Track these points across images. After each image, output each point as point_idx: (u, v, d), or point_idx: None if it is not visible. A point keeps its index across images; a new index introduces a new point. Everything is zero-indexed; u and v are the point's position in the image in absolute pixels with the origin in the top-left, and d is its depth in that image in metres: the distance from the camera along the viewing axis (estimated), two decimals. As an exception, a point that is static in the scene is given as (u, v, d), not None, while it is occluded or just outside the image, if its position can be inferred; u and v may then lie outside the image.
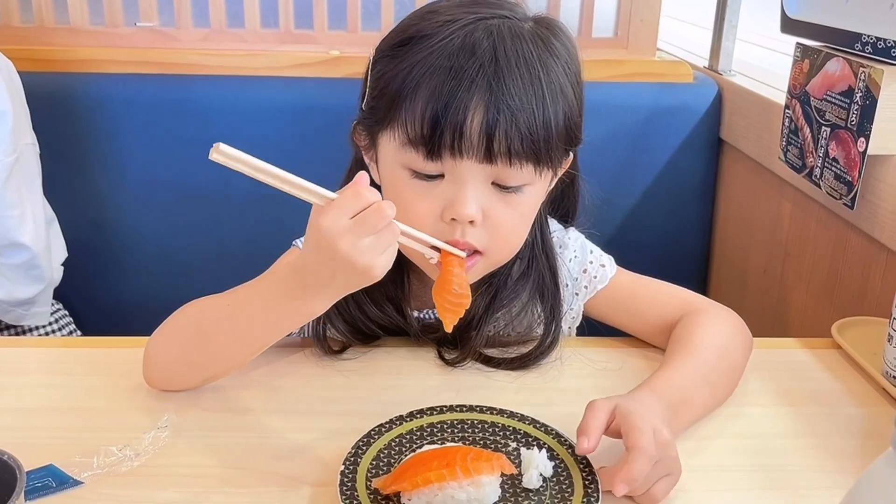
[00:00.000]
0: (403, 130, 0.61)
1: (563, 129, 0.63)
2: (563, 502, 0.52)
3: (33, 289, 1.01)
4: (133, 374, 0.69)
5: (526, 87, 0.59)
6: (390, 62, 0.63)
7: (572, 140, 0.66)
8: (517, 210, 0.64)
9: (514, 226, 0.65)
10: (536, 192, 0.65)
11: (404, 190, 0.64)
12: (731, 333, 0.70)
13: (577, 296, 0.77)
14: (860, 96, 0.81)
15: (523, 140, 0.60)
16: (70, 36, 1.20)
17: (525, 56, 0.60)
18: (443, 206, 0.62)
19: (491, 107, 0.58)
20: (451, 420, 0.60)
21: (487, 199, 0.62)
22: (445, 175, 0.62)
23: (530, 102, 0.60)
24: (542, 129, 0.60)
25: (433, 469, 0.50)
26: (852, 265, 0.91)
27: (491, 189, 0.63)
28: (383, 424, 0.59)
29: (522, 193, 0.63)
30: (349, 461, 0.55)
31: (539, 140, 0.60)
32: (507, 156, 0.60)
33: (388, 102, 0.63)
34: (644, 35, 1.25)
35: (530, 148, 0.60)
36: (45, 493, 0.53)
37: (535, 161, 0.61)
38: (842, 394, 0.69)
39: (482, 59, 0.59)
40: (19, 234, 0.97)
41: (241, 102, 1.17)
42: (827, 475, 0.58)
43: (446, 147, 0.59)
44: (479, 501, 0.51)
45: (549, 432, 0.59)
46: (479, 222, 0.62)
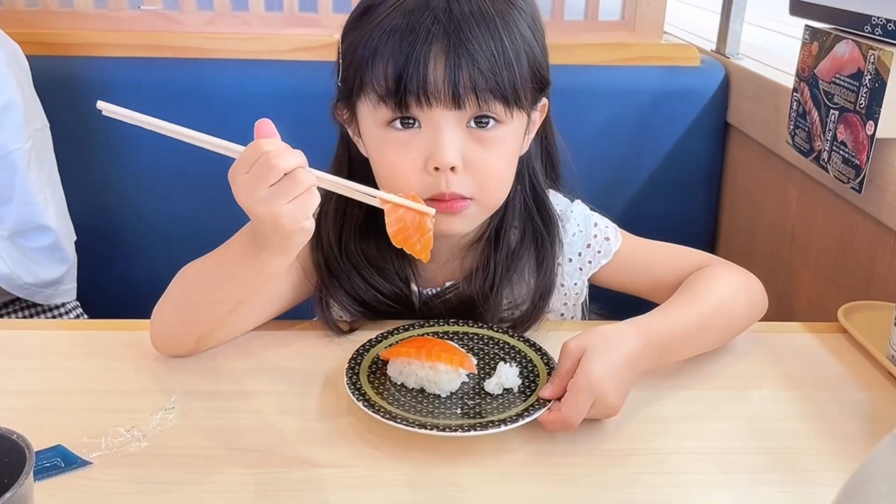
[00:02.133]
0: (373, 91, 0.64)
1: (528, 68, 0.65)
2: (503, 409, 0.60)
3: (59, 269, 1.02)
4: (140, 356, 0.70)
5: (483, 31, 0.62)
6: (353, 33, 0.66)
7: (539, 80, 0.67)
8: (496, 151, 0.66)
9: (496, 167, 0.67)
10: (512, 132, 0.67)
11: (386, 148, 0.66)
12: (738, 288, 0.71)
13: (581, 271, 0.77)
14: (869, 79, 0.81)
15: (487, 80, 0.62)
16: (74, 19, 1.20)
17: (478, 4, 0.63)
18: (424, 157, 0.65)
19: (451, 53, 0.61)
20: (461, 332, 0.70)
21: (465, 144, 0.65)
22: (422, 125, 0.64)
23: (489, 45, 0.62)
24: (504, 67, 0.62)
25: (409, 349, 0.63)
26: (859, 249, 0.91)
27: (467, 133, 0.65)
28: (410, 325, 0.70)
29: (498, 132, 0.65)
30: (369, 342, 0.67)
31: (504, 79, 0.62)
32: (475, 97, 0.62)
33: (355, 71, 0.65)
34: (651, 18, 1.24)
35: (496, 87, 0.62)
36: (54, 473, 0.54)
37: (503, 100, 0.63)
38: (848, 378, 0.69)
39: (436, 11, 0.61)
40: (45, 217, 0.98)
41: (245, 86, 1.16)
42: (833, 458, 0.58)
43: (412, 94, 0.62)
44: (436, 383, 0.62)
45: (542, 355, 0.66)
46: (461, 168, 0.64)
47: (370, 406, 0.58)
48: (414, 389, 0.62)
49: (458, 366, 0.63)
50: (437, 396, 0.62)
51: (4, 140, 0.94)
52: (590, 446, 0.59)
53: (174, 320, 0.68)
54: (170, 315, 0.68)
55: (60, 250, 1.02)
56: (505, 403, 0.61)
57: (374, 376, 0.64)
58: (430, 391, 0.62)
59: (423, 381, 0.62)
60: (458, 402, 0.61)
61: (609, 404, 0.59)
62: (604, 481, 0.55)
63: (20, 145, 0.95)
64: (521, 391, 0.62)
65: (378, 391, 0.61)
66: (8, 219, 0.96)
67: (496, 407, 0.60)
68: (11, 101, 0.94)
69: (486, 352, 0.68)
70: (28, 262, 0.98)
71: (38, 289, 1.01)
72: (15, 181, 0.95)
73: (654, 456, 0.58)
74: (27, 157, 0.96)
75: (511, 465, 0.57)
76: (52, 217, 1.00)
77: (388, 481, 0.55)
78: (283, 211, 0.53)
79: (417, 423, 0.57)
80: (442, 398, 0.62)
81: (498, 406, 0.61)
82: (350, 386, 0.61)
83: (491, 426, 0.57)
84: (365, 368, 0.64)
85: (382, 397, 0.61)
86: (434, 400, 0.62)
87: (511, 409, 0.60)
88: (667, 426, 0.62)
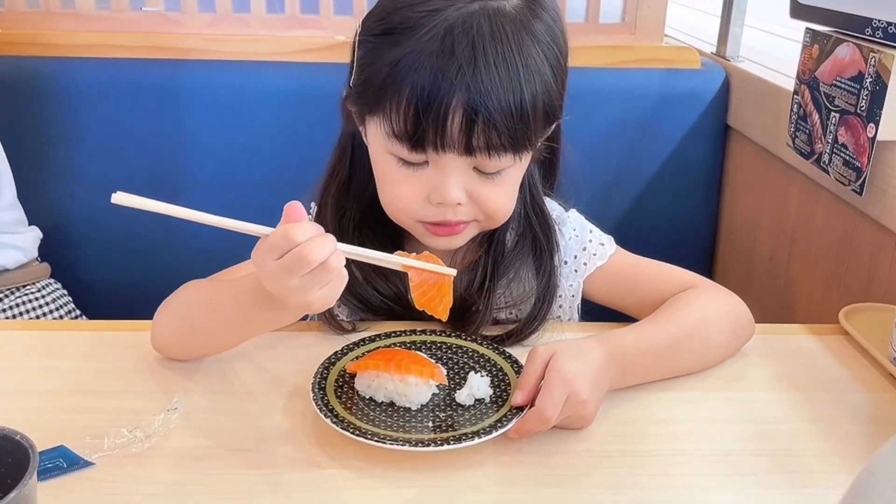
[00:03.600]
0: (388, 124, 0.64)
1: (542, 112, 0.65)
2: (475, 421, 0.59)
3: None
4: (142, 356, 0.70)
5: (503, 82, 0.62)
6: (375, 50, 0.65)
7: (550, 119, 0.68)
8: (500, 187, 0.68)
9: (500, 200, 0.69)
10: (519, 169, 0.69)
11: (392, 173, 0.67)
12: (719, 311, 0.71)
13: (577, 272, 0.78)
14: (870, 82, 0.81)
15: (500, 135, 0.63)
16: (75, 21, 1.20)
17: (503, 51, 0.62)
18: (428, 190, 0.67)
19: (469, 106, 0.61)
20: (429, 342, 0.70)
21: (470, 182, 0.67)
22: (430, 164, 0.66)
23: (507, 98, 0.62)
24: (518, 121, 0.63)
25: (377, 361, 0.62)
26: (860, 252, 0.91)
27: (473, 174, 0.67)
28: (377, 335, 0.69)
29: (506, 174, 0.67)
30: (334, 355, 0.66)
31: (516, 132, 0.63)
32: (486, 149, 0.64)
33: (374, 93, 0.65)
34: (651, 21, 1.24)
35: (508, 140, 0.64)
36: (57, 474, 0.54)
37: (513, 150, 0.65)
38: (849, 379, 0.69)
39: (461, 60, 0.61)
40: None
41: (247, 88, 1.16)
42: (834, 460, 0.58)
43: (429, 143, 0.63)
44: (406, 396, 0.61)
45: (513, 363, 0.66)
46: (465, 203, 0.67)
47: (339, 422, 0.57)
48: (383, 403, 0.61)
49: (428, 377, 0.61)
50: (408, 409, 0.61)
51: None
52: (585, 447, 0.59)
53: (175, 339, 0.68)
54: (171, 334, 0.68)
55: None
56: (477, 414, 0.60)
57: (342, 390, 0.62)
58: (400, 404, 0.61)
59: (393, 394, 0.61)
60: (429, 415, 0.60)
61: (581, 403, 0.58)
62: (601, 483, 0.55)
63: None
64: (493, 401, 0.61)
65: (346, 406, 0.60)
66: None
67: (468, 419, 0.59)
68: None
69: (456, 361, 0.67)
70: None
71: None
72: None
73: (654, 458, 0.58)
74: None
75: (494, 472, 0.56)
76: None
77: (394, 483, 0.55)
78: (314, 297, 0.53)
79: (389, 439, 0.55)
80: (412, 411, 0.60)
81: (470, 417, 0.60)
82: (317, 402, 0.59)
83: (465, 439, 0.56)
84: (332, 383, 0.62)
85: (351, 412, 0.59)
86: (405, 413, 0.60)
87: (484, 421, 0.59)
88: (666, 427, 0.62)
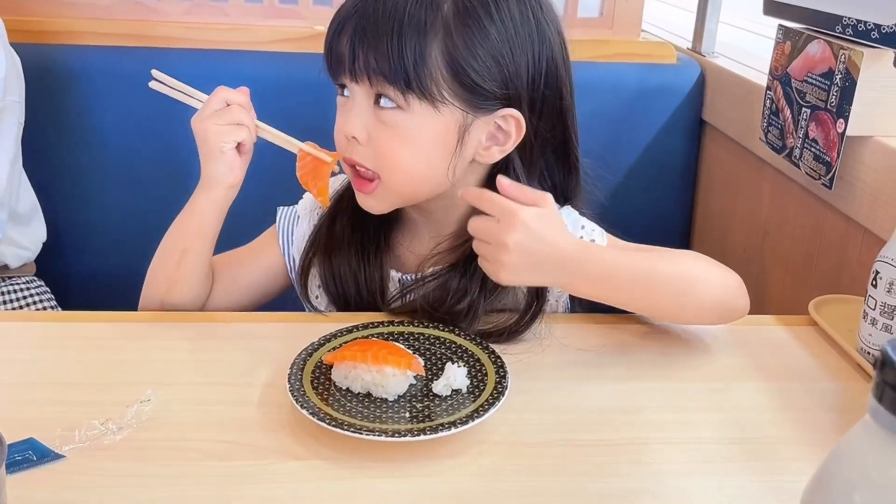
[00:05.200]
0: None
1: (445, 66, 0.66)
2: (452, 411, 0.59)
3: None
4: (115, 348, 0.69)
5: (388, 10, 0.66)
6: None
7: (459, 78, 0.67)
8: (397, 134, 0.69)
9: (395, 149, 0.69)
10: (416, 122, 0.68)
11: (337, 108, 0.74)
12: (712, 271, 0.71)
13: None
14: (840, 78, 0.82)
15: (379, 59, 0.66)
16: (48, 6, 1.17)
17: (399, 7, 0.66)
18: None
19: (357, 31, 0.67)
20: (406, 332, 0.70)
21: (371, 120, 0.69)
22: (350, 96, 0.71)
23: (388, 22, 0.65)
24: (394, 46, 0.65)
25: (354, 352, 0.62)
26: (829, 244, 0.93)
27: (374, 111, 0.69)
28: (354, 327, 0.69)
29: (397, 117, 0.68)
30: (311, 346, 0.66)
31: (393, 59, 0.65)
32: (367, 73, 0.67)
33: None
34: (629, 15, 1.25)
35: (388, 67, 0.66)
36: (26, 467, 0.53)
37: (393, 79, 0.66)
38: (818, 369, 0.71)
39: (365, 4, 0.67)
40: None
41: (224, 77, 1.12)
42: (804, 447, 0.60)
43: (332, 68, 0.70)
44: (383, 387, 0.61)
45: (490, 353, 0.66)
46: (363, 141, 0.70)
47: (315, 413, 0.57)
48: (360, 394, 0.61)
49: (405, 368, 0.61)
50: (385, 400, 0.61)
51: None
52: (561, 436, 0.59)
53: (149, 276, 0.78)
54: (160, 277, 0.77)
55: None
56: (454, 405, 0.60)
57: (319, 381, 0.62)
58: (377, 395, 0.61)
59: (370, 385, 0.61)
60: (406, 406, 0.60)
61: (503, 245, 0.61)
62: (576, 472, 0.56)
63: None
64: (469, 392, 0.62)
65: (323, 397, 0.60)
66: None
67: (445, 409, 0.60)
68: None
69: (434, 352, 0.67)
70: None
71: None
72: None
73: (628, 446, 0.59)
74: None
75: (471, 462, 0.56)
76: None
77: (371, 473, 0.55)
78: (211, 128, 0.71)
79: (366, 430, 0.55)
80: (389, 402, 0.60)
81: (447, 408, 0.60)
82: (294, 393, 0.59)
83: (442, 429, 0.56)
84: (308, 374, 0.62)
85: (328, 403, 0.59)
86: (382, 404, 0.60)
87: (461, 411, 0.59)
88: (640, 416, 0.62)
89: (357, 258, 0.76)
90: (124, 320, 0.74)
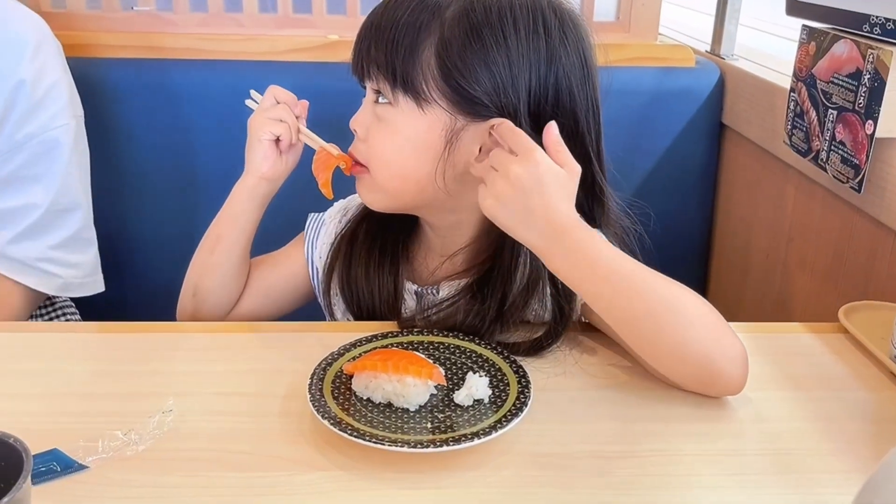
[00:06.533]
0: None
1: (436, 66, 0.67)
2: (474, 421, 0.58)
3: (92, 252, 1.02)
4: (136, 359, 0.69)
5: (395, 15, 0.68)
6: None
7: (448, 80, 0.67)
8: (385, 129, 0.70)
9: (381, 144, 0.71)
10: (402, 118, 0.69)
11: None
12: (707, 313, 0.62)
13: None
14: (868, 78, 0.81)
15: (378, 51, 0.69)
16: (66, 20, 1.19)
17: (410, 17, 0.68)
18: None
19: (370, 31, 0.70)
20: (426, 342, 0.69)
21: (370, 116, 0.72)
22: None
23: (392, 25, 0.68)
24: (390, 44, 0.68)
25: (374, 361, 0.62)
26: (858, 249, 0.91)
27: (373, 107, 0.71)
28: (373, 336, 0.69)
29: (387, 111, 0.70)
30: (330, 356, 0.66)
31: (388, 54, 0.67)
32: (366, 65, 0.70)
33: None
34: (646, 19, 1.24)
35: (383, 58, 0.68)
36: (51, 478, 0.53)
37: (391, 76, 0.68)
38: (849, 378, 0.69)
39: (377, 18, 0.70)
40: (79, 192, 0.98)
41: (239, 87, 1.14)
42: (836, 459, 0.58)
43: (352, 67, 0.73)
44: (404, 397, 0.60)
45: (511, 363, 0.66)
46: (362, 136, 0.72)
47: (336, 424, 0.56)
48: (381, 404, 0.60)
49: (426, 378, 0.61)
50: (406, 410, 0.60)
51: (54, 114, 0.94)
52: (586, 447, 0.58)
53: (191, 263, 0.81)
54: (197, 275, 0.80)
55: (89, 228, 1.01)
56: (476, 415, 0.59)
57: (339, 391, 0.61)
58: (398, 405, 0.60)
59: (391, 395, 0.60)
60: (427, 416, 0.60)
61: (507, 171, 0.61)
62: (601, 484, 0.55)
63: (68, 121, 0.96)
64: (492, 402, 0.61)
65: (343, 407, 0.59)
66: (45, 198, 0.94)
67: (467, 419, 0.59)
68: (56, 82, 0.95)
69: (454, 361, 0.66)
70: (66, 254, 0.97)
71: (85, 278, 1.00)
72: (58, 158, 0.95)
73: (655, 457, 0.58)
74: (73, 132, 0.97)
75: (493, 474, 0.55)
76: (82, 193, 0.99)
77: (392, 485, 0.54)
78: (256, 119, 0.76)
79: (387, 440, 0.55)
80: (411, 412, 0.60)
81: (469, 418, 0.59)
82: (314, 403, 0.59)
83: (464, 440, 0.55)
84: (328, 384, 0.62)
85: (348, 413, 0.59)
86: (403, 414, 0.60)
87: (483, 421, 0.58)
88: (667, 427, 0.61)
89: (373, 265, 0.76)
90: (145, 331, 0.74)
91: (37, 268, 0.95)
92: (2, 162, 0.92)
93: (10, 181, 0.93)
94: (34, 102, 0.92)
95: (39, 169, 0.94)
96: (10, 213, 0.93)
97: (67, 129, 0.96)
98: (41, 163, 0.94)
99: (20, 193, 0.93)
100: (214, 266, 0.79)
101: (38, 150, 0.93)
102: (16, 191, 0.93)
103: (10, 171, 0.92)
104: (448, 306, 0.72)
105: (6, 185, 0.93)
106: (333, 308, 0.80)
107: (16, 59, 0.91)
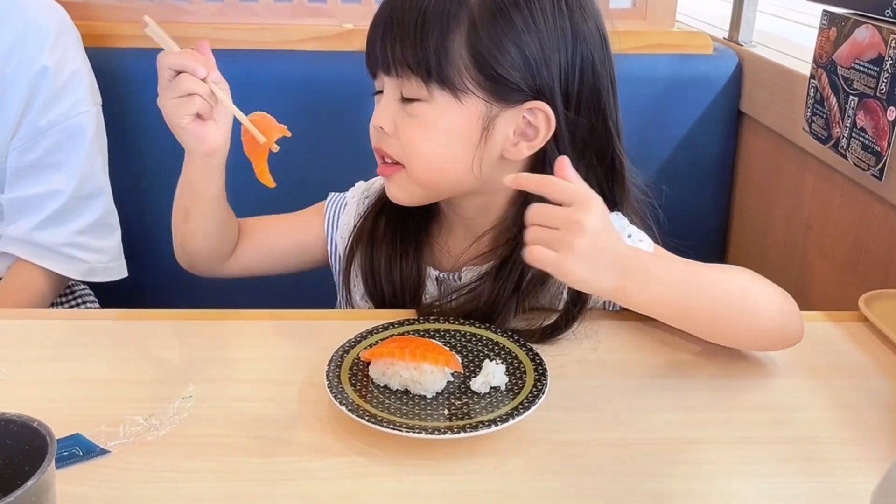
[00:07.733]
0: None
1: (463, 49, 0.66)
2: (491, 408, 0.58)
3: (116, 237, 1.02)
4: (156, 345, 0.70)
5: (417, 7, 0.66)
6: None
7: (483, 68, 0.67)
8: (418, 122, 0.69)
9: (417, 137, 0.69)
10: (439, 112, 0.68)
11: None
12: (764, 289, 0.66)
13: None
14: (890, 64, 0.79)
15: (404, 49, 0.66)
16: (82, 10, 1.19)
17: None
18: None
19: (388, 25, 0.68)
20: (443, 329, 0.69)
21: (397, 113, 0.69)
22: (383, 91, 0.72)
23: (414, 10, 0.66)
24: (418, 34, 0.66)
25: (391, 349, 0.62)
26: (878, 237, 0.90)
27: (401, 107, 0.69)
28: (390, 324, 0.69)
29: (421, 108, 0.68)
30: (348, 343, 0.66)
31: (417, 48, 0.66)
32: (393, 64, 0.67)
33: None
34: (663, 5, 1.22)
35: (412, 57, 0.66)
36: (73, 462, 0.54)
37: (416, 68, 0.66)
38: (871, 367, 0.68)
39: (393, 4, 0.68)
40: (102, 178, 0.99)
41: (254, 76, 1.15)
42: (856, 447, 0.58)
43: (367, 62, 0.71)
44: (421, 384, 0.60)
45: (528, 350, 0.66)
46: (390, 132, 0.70)
47: (354, 410, 0.57)
48: (398, 391, 0.61)
49: (443, 365, 0.61)
50: (423, 397, 0.60)
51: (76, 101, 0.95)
52: (604, 436, 0.58)
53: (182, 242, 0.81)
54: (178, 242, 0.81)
55: (112, 214, 1.02)
56: (493, 402, 0.59)
57: (357, 378, 0.62)
58: (416, 392, 0.61)
59: (408, 381, 0.61)
60: (444, 403, 0.60)
61: (579, 224, 0.55)
62: (619, 472, 0.55)
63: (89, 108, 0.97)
64: (508, 389, 0.61)
65: (361, 394, 0.60)
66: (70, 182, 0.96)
67: (484, 406, 0.59)
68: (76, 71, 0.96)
69: (471, 349, 0.67)
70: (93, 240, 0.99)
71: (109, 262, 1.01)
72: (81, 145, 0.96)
73: (674, 445, 0.58)
74: (95, 119, 0.98)
75: (510, 461, 0.55)
76: (104, 179, 1.00)
77: (409, 471, 0.55)
78: (165, 105, 0.68)
79: (405, 426, 0.55)
80: (428, 399, 0.60)
81: (486, 405, 0.59)
82: (332, 390, 0.59)
83: (481, 427, 0.55)
84: (346, 370, 0.62)
85: (366, 400, 0.59)
86: (420, 401, 0.60)
87: (500, 409, 0.58)
88: (686, 415, 0.61)
89: (395, 251, 0.76)
90: (165, 318, 0.75)
91: (63, 253, 0.96)
92: (25, 149, 0.93)
93: (34, 168, 0.94)
94: (56, 90, 0.93)
95: (62, 156, 0.95)
96: (34, 200, 0.94)
97: (89, 116, 0.97)
98: (64, 150, 0.95)
99: (44, 180, 0.94)
100: (192, 232, 0.79)
101: (60, 137, 0.94)
102: (40, 178, 0.94)
103: (34, 158, 0.93)
104: (468, 291, 0.72)
105: (30, 172, 0.94)
106: (353, 290, 0.80)
107: (37, 47, 0.92)
